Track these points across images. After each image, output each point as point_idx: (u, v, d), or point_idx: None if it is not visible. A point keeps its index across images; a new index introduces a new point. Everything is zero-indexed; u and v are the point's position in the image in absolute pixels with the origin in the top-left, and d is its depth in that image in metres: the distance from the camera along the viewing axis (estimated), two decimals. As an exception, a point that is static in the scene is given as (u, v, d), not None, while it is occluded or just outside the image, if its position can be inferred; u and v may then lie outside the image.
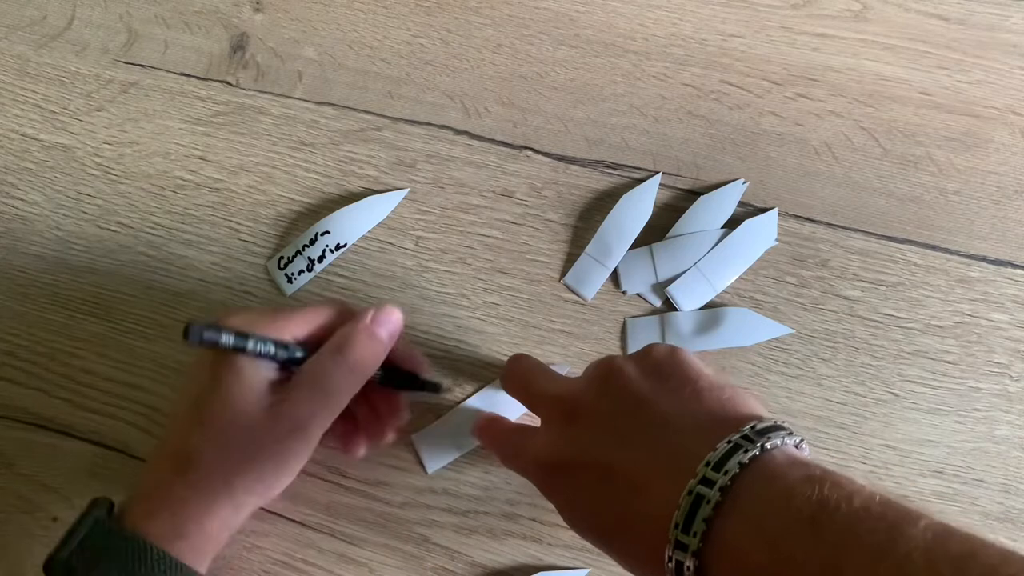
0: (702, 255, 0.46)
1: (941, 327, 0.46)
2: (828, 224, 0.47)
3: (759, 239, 0.46)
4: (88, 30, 0.52)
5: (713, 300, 0.46)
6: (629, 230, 0.47)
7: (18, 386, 0.48)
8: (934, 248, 0.47)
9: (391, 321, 0.40)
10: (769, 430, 0.30)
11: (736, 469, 0.28)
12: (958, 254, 0.46)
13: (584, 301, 0.47)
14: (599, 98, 0.49)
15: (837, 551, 0.25)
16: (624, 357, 0.36)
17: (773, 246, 0.47)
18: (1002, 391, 0.45)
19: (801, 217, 0.47)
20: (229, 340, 0.37)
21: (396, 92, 0.50)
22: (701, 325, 0.46)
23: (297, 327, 0.40)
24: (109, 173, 0.50)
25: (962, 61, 0.49)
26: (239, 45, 0.52)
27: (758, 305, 0.46)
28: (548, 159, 0.49)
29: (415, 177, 0.49)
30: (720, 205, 0.47)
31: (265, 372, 0.39)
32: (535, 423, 0.40)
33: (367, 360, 0.39)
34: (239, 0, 0.52)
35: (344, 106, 0.50)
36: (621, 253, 0.46)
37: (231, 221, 0.49)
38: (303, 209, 0.49)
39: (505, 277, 0.47)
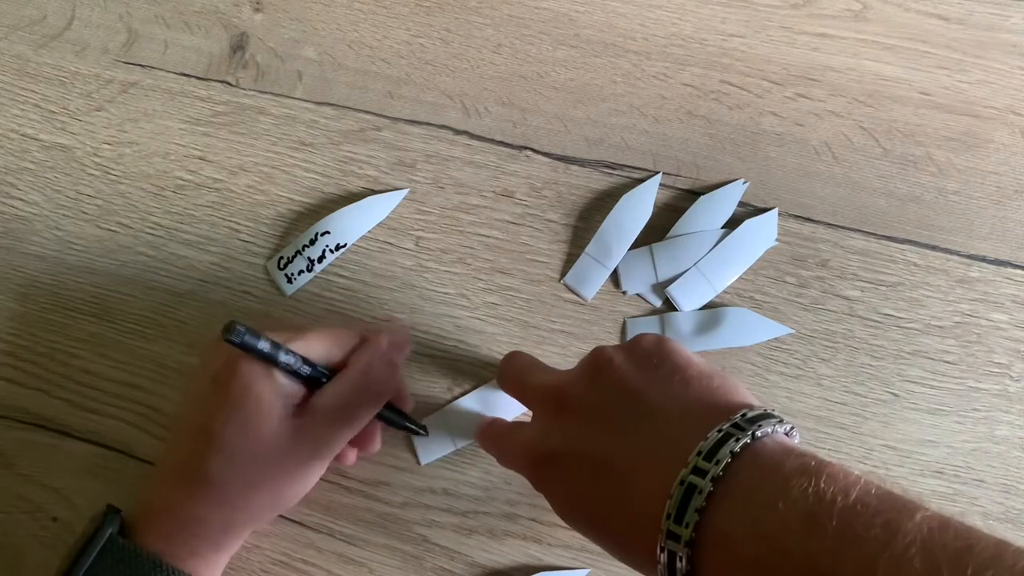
0: (702, 255, 0.46)
1: (941, 327, 0.46)
2: (828, 224, 0.47)
3: (759, 239, 0.46)
4: (88, 30, 0.52)
5: (713, 300, 0.46)
6: (629, 230, 0.47)
7: (18, 386, 0.48)
8: (934, 248, 0.47)
9: (405, 346, 0.43)
10: (759, 418, 0.30)
11: (728, 458, 0.28)
12: (958, 254, 0.46)
13: (584, 301, 0.47)
14: (599, 98, 0.49)
15: (834, 546, 0.25)
16: (614, 347, 0.36)
17: (773, 246, 0.47)
18: (1002, 391, 0.45)
19: (801, 217, 0.47)
20: (265, 347, 0.37)
21: (396, 92, 0.50)
22: (701, 325, 0.46)
23: (313, 346, 0.40)
24: (109, 173, 0.50)
25: (962, 61, 0.49)
26: (239, 45, 0.52)
27: (758, 305, 0.46)
28: (548, 159, 0.49)
29: (415, 177, 0.49)
30: (720, 205, 0.47)
31: (282, 396, 0.39)
32: (535, 423, 0.40)
33: (387, 387, 0.41)
34: (239, 0, 0.52)
35: (344, 106, 0.50)
36: (621, 253, 0.46)
37: (231, 221, 0.49)
38: (303, 209, 0.49)
39: (505, 277, 0.47)
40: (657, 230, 0.47)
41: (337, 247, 0.47)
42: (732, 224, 0.47)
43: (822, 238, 0.47)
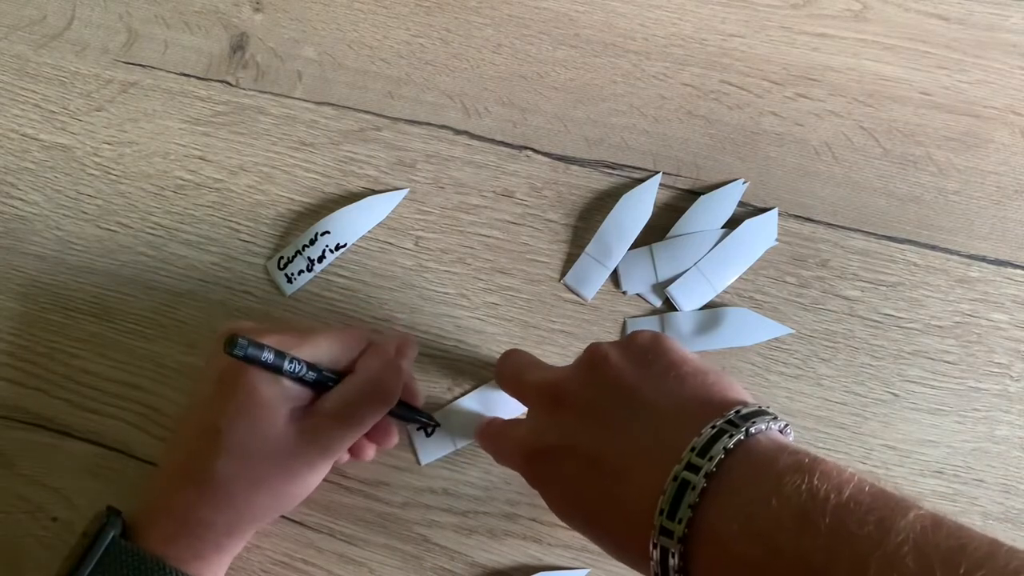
0: (702, 255, 0.46)
1: (941, 327, 0.46)
2: (828, 224, 0.47)
3: (759, 239, 0.46)
4: (88, 30, 0.52)
5: (713, 300, 0.46)
6: (629, 230, 0.47)
7: (18, 386, 0.48)
8: (934, 248, 0.47)
9: (412, 353, 0.44)
10: (753, 415, 0.30)
11: (721, 455, 0.28)
12: (958, 254, 0.46)
13: (584, 301, 0.47)
14: (599, 98, 0.49)
15: (827, 544, 0.25)
16: (609, 344, 0.36)
17: (773, 246, 0.47)
18: (1002, 391, 0.45)
19: (801, 217, 0.47)
20: (269, 357, 0.38)
21: (396, 92, 0.50)
22: (701, 325, 0.46)
23: (320, 350, 0.40)
24: (109, 173, 0.50)
25: (962, 61, 0.49)
26: (239, 45, 0.52)
27: (758, 305, 0.46)
28: (548, 159, 0.49)
29: (415, 177, 0.49)
30: (720, 205, 0.47)
31: (288, 399, 0.39)
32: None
33: (393, 392, 0.41)
34: (239, 0, 0.52)
35: (344, 106, 0.50)
36: (621, 253, 0.46)
37: (231, 221, 0.49)
38: (303, 209, 0.49)
39: (505, 277, 0.47)
40: (657, 230, 0.47)
41: (337, 247, 0.47)
42: (732, 224, 0.47)
43: (822, 238, 0.47)
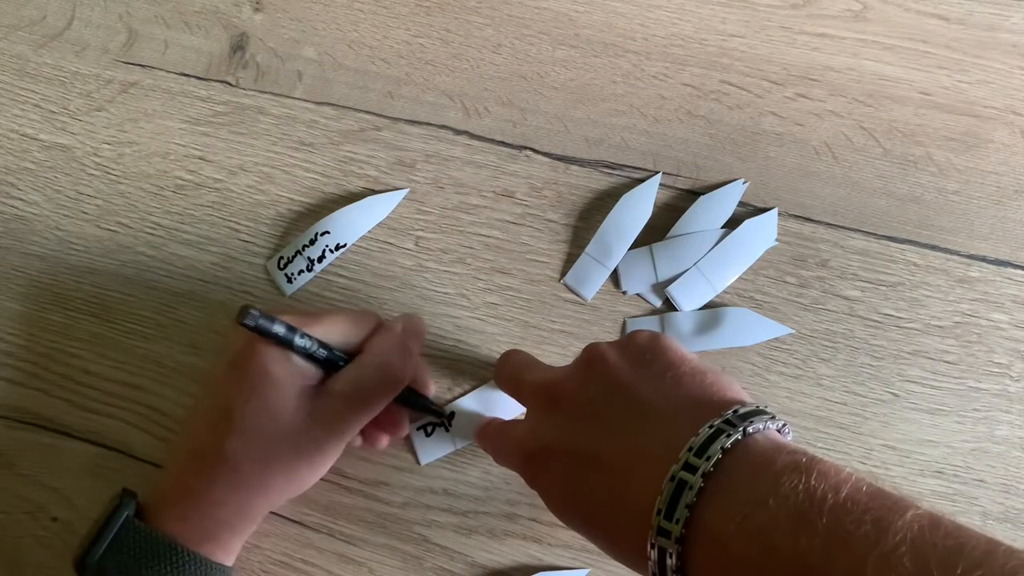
0: (702, 255, 0.46)
1: (941, 327, 0.46)
2: (828, 224, 0.47)
3: (759, 239, 0.46)
4: (88, 30, 0.52)
5: (713, 300, 0.46)
6: (629, 230, 0.47)
7: (18, 386, 0.48)
8: (934, 248, 0.47)
9: (420, 334, 0.43)
10: (751, 414, 0.30)
11: (718, 454, 0.28)
12: (958, 254, 0.46)
13: (584, 301, 0.47)
14: (599, 98, 0.49)
15: (824, 544, 0.25)
16: (607, 343, 0.36)
17: (773, 246, 0.47)
18: (1002, 391, 0.45)
19: (801, 217, 0.47)
20: (280, 330, 0.38)
21: (396, 92, 0.50)
22: (701, 325, 0.46)
23: (330, 330, 0.40)
24: (109, 173, 0.50)
25: (962, 61, 0.49)
26: (239, 45, 0.52)
27: (758, 305, 0.46)
28: (548, 159, 0.49)
29: (415, 177, 0.49)
30: (720, 205, 0.47)
31: (299, 378, 0.39)
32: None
33: (402, 374, 0.41)
34: (239, 0, 0.52)
35: (344, 106, 0.50)
36: (621, 253, 0.46)
37: (231, 221, 0.49)
38: (303, 209, 0.49)
39: (505, 277, 0.47)
40: (657, 230, 0.47)
41: (337, 247, 0.47)
42: (732, 224, 0.46)
43: (822, 238, 0.47)
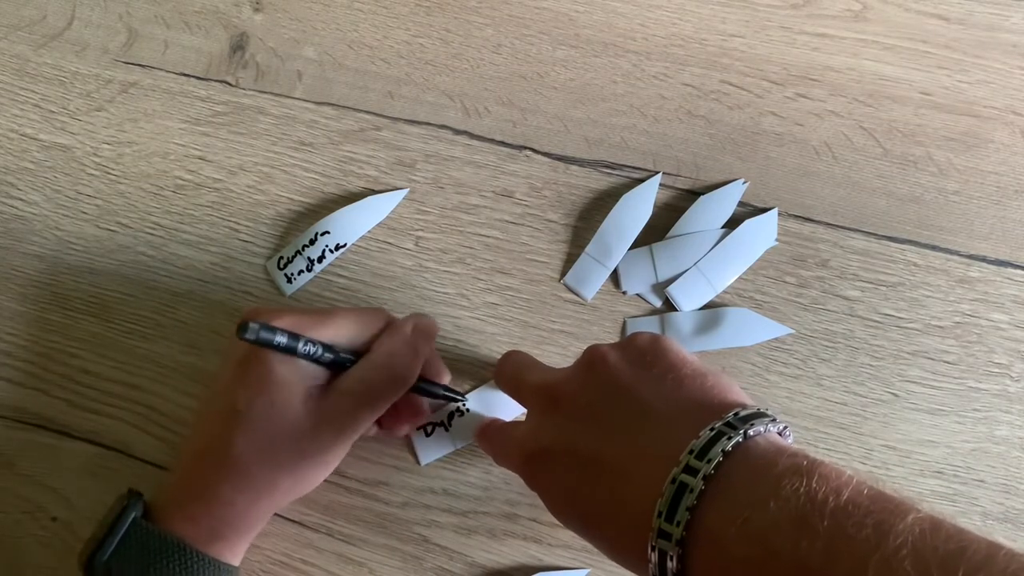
0: (702, 255, 0.46)
1: (941, 327, 0.46)
2: (828, 224, 0.47)
3: (759, 239, 0.46)
4: (88, 30, 0.52)
5: (713, 300, 0.46)
6: (629, 230, 0.47)
7: (18, 386, 0.48)
8: (934, 248, 0.47)
9: (430, 333, 0.42)
10: (752, 417, 0.30)
11: (719, 457, 0.28)
12: (958, 254, 0.46)
13: (584, 301, 0.47)
14: (599, 98, 0.49)
15: (825, 547, 0.25)
16: (608, 345, 0.36)
17: (773, 246, 0.47)
18: (1002, 391, 0.45)
19: (801, 217, 0.47)
20: (282, 340, 0.38)
21: (396, 92, 0.50)
22: (701, 325, 0.46)
23: (339, 330, 0.40)
24: (108, 173, 0.50)
25: (962, 61, 0.49)
26: (239, 45, 0.52)
27: (758, 305, 0.46)
28: (548, 159, 0.49)
29: (415, 177, 0.49)
30: (720, 205, 0.47)
31: (306, 378, 0.39)
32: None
33: (409, 373, 0.41)
34: (239, 0, 0.52)
35: (344, 106, 0.50)
36: (621, 253, 0.46)
37: (230, 221, 0.49)
38: (303, 209, 0.49)
39: (505, 277, 0.47)
40: (657, 230, 0.47)
41: (337, 247, 0.47)
42: (732, 224, 0.46)
43: (822, 238, 0.47)
